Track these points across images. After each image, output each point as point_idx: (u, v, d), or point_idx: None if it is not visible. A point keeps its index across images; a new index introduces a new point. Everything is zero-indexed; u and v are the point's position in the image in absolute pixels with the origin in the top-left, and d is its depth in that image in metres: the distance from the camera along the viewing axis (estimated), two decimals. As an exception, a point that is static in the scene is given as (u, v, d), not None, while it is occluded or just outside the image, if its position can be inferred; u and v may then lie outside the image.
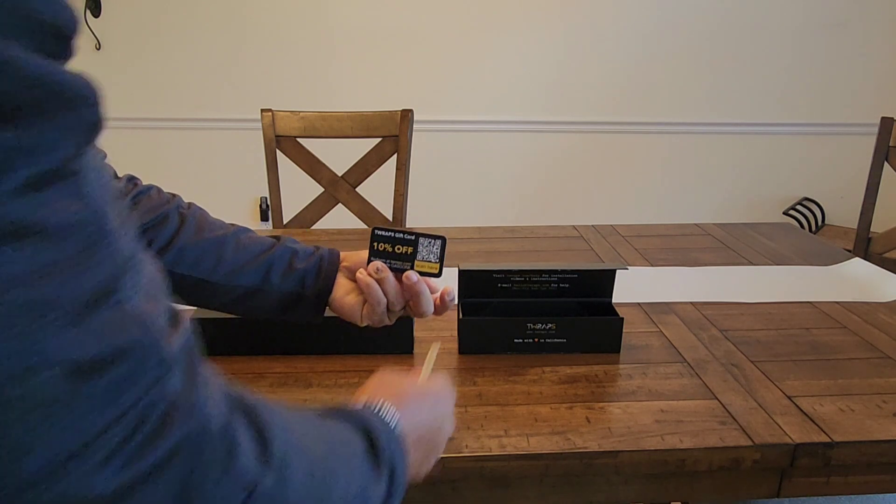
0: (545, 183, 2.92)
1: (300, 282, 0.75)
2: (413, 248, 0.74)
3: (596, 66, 2.77)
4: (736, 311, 1.07)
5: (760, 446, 0.72)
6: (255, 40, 2.68)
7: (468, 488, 0.72)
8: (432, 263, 0.74)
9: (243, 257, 0.74)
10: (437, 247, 0.75)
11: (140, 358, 0.28)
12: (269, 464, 0.34)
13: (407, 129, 1.68)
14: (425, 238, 0.75)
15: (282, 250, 0.76)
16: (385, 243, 0.74)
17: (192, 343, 0.32)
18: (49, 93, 0.25)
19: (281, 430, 0.36)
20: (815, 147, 2.90)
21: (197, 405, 0.31)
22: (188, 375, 0.31)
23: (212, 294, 0.74)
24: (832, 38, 2.76)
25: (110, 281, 0.28)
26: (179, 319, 0.32)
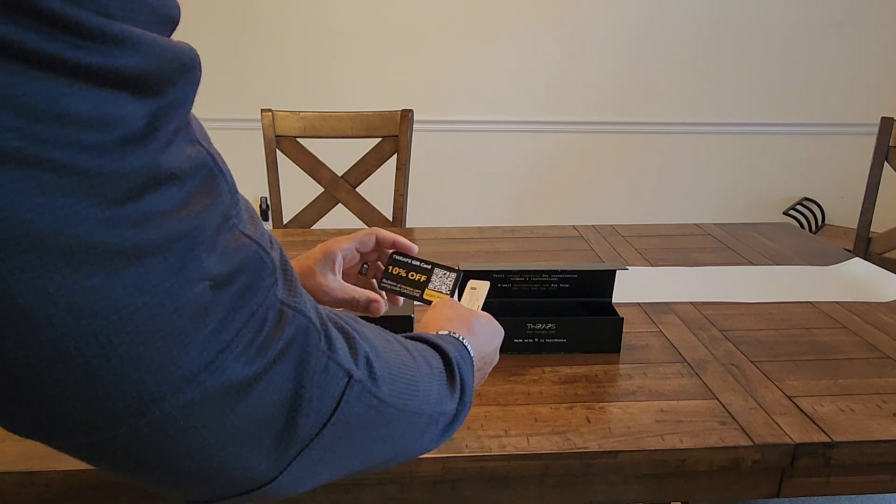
0: (545, 183, 2.92)
1: None
2: (427, 277, 0.74)
3: (596, 66, 2.77)
4: (736, 311, 1.07)
5: (760, 446, 0.72)
6: (255, 40, 2.68)
7: (468, 488, 0.72)
8: (443, 295, 0.73)
9: None
10: (451, 279, 0.74)
11: (256, 270, 0.35)
12: (358, 360, 0.40)
13: (407, 129, 1.68)
14: (441, 269, 0.74)
15: None
16: (400, 268, 0.74)
17: (285, 257, 0.39)
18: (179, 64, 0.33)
19: (364, 339, 0.43)
20: (815, 147, 2.90)
21: (300, 307, 0.37)
22: (288, 282, 0.38)
23: None
24: (832, 38, 2.76)
25: (227, 208, 0.35)
26: (272, 238, 0.39)
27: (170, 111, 0.32)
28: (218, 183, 0.35)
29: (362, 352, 0.41)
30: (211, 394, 0.33)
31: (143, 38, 0.30)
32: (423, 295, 0.73)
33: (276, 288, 0.36)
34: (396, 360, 0.46)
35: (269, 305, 0.35)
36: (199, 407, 0.33)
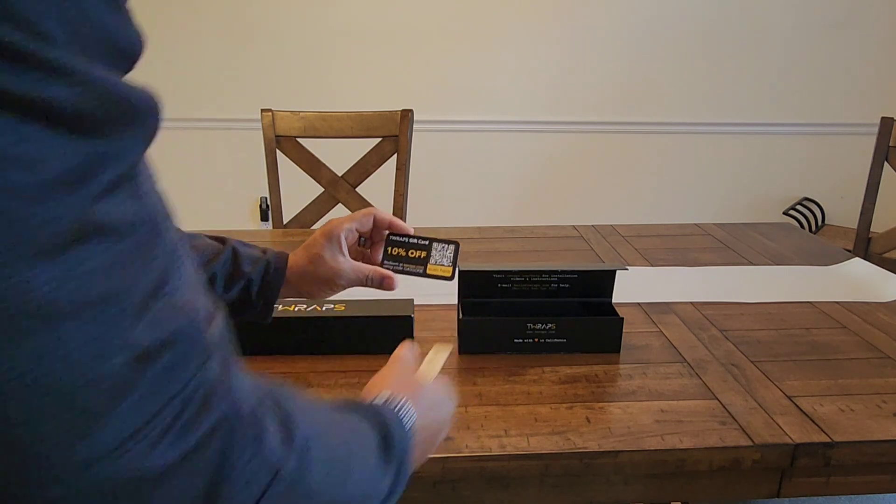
0: (545, 183, 2.92)
1: (245, 289, 0.74)
2: (426, 253, 0.75)
3: (596, 66, 2.77)
4: (736, 311, 1.07)
5: (760, 446, 0.72)
6: (256, 40, 2.68)
7: (468, 488, 0.72)
8: (445, 267, 0.75)
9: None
10: (451, 251, 0.76)
11: (187, 345, 0.31)
12: (293, 449, 0.37)
13: (407, 129, 1.68)
14: (439, 243, 0.76)
15: (224, 259, 0.74)
16: (399, 248, 0.75)
17: (226, 333, 0.36)
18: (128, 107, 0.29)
19: (304, 419, 0.39)
20: (815, 147, 2.90)
21: (231, 390, 0.34)
22: (223, 363, 0.34)
23: None
24: (832, 38, 2.76)
25: (164, 273, 0.31)
26: (215, 310, 0.35)
27: (109, 158, 0.29)
28: (157, 244, 0.31)
29: (300, 438, 0.38)
30: (119, 480, 0.29)
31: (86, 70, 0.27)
32: (426, 271, 0.73)
33: (207, 368, 0.33)
34: (336, 440, 0.43)
35: (195, 386, 0.32)
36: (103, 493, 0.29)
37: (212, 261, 0.73)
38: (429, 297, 1.09)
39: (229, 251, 0.75)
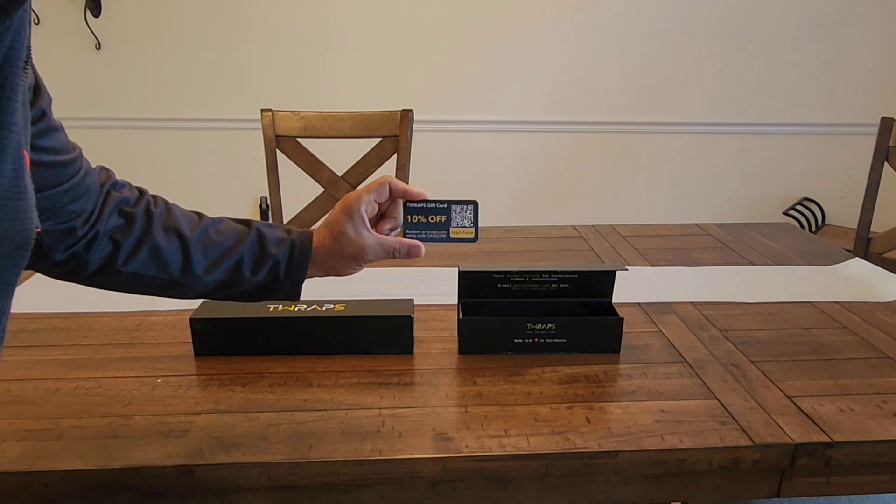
0: (545, 183, 2.92)
1: (272, 271, 0.74)
2: (447, 216, 0.74)
3: (596, 66, 2.77)
4: (736, 311, 1.07)
5: (760, 446, 0.72)
6: (255, 40, 2.68)
7: (468, 488, 0.72)
8: (467, 229, 0.74)
9: (212, 254, 0.73)
10: (470, 211, 0.75)
11: None
12: None
13: (407, 129, 1.68)
14: (457, 205, 0.74)
15: (250, 242, 0.74)
16: (418, 215, 0.74)
17: None
18: None
19: None
20: (815, 147, 2.90)
21: None
22: None
23: (184, 291, 0.74)
24: (832, 38, 2.76)
25: None
26: None
27: None
28: None
29: None
30: None
31: None
32: (449, 235, 0.73)
33: None
34: None
35: None
36: None
37: (238, 244, 0.74)
38: (429, 297, 1.09)
39: (254, 234, 0.75)
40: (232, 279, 0.74)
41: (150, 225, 0.72)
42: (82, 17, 2.59)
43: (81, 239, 0.69)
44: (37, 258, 0.68)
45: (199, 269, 0.72)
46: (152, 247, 0.71)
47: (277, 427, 0.74)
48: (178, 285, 0.73)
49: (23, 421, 0.75)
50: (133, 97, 2.69)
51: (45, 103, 0.61)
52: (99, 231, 0.69)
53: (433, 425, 0.75)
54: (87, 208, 0.68)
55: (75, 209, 0.67)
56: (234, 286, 0.74)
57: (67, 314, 1.04)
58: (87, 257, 0.69)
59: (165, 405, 0.79)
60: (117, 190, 0.73)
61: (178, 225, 0.73)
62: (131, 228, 0.71)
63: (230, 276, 0.74)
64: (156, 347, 0.94)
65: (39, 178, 0.62)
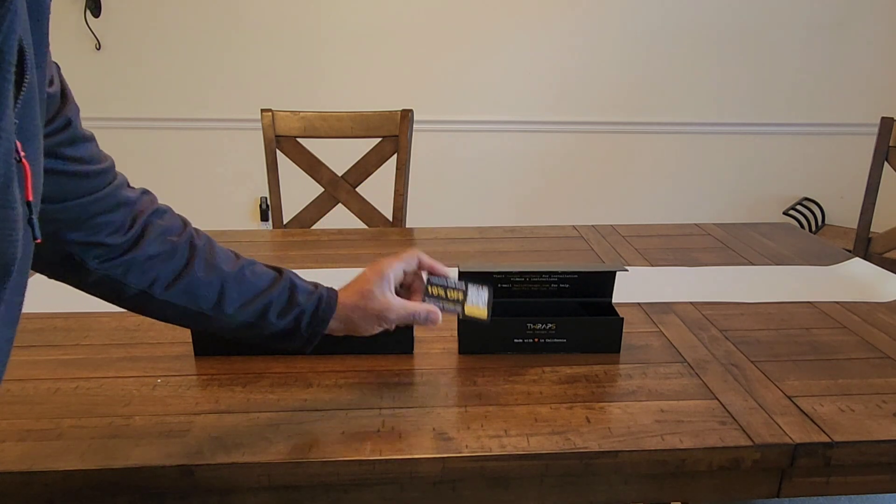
0: (545, 183, 2.92)
1: (296, 319, 0.76)
2: (464, 294, 0.82)
3: (596, 66, 2.77)
4: (736, 311, 1.07)
5: (760, 446, 0.72)
6: (255, 40, 2.68)
7: (468, 488, 0.72)
8: (481, 309, 0.82)
9: (245, 295, 0.75)
10: (485, 294, 0.83)
11: None
12: None
13: (407, 129, 1.68)
14: (474, 286, 0.83)
15: (281, 288, 0.76)
16: (438, 288, 0.81)
17: None
18: None
19: None
20: (815, 147, 2.90)
21: None
22: None
23: (208, 324, 0.75)
24: (832, 38, 2.76)
25: None
26: None
27: None
28: None
29: None
30: None
31: None
32: (464, 311, 0.81)
33: None
34: None
35: None
36: None
37: (269, 289, 0.75)
38: (429, 297, 1.09)
39: (287, 281, 0.77)
40: (258, 321, 0.75)
41: (193, 258, 0.73)
42: (82, 17, 2.59)
43: (119, 257, 0.69)
44: (71, 271, 0.69)
45: (231, 308, 0.74)
46: (191, 279, 0.72)
47: (277, 427, 0.74)
48: (205, 318, 0.74)
49: (23, 421, 0.75)
50: (133, 97, 2.69)
51: (71, 112, 0.61)
52: (138, 257, 0.69)
53: (433, 425, 0.75)
54: (117, 221, 0.68)
55: (104, 221, 0.67)
56: (257, 328, 0.76)
57: (67, 314, 1.04)
58: (126, 281, 0.70)
59: (165, 405, 0.79)
60: (160, 217, 0.73)
61: (219, 261, 0.74)
62: (173, 258, 0.72)
63: (257, 318, 0.75)
64: (156, 347, 0.94)
65: (65, 188, 0.63)
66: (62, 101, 0.60)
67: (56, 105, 0.59)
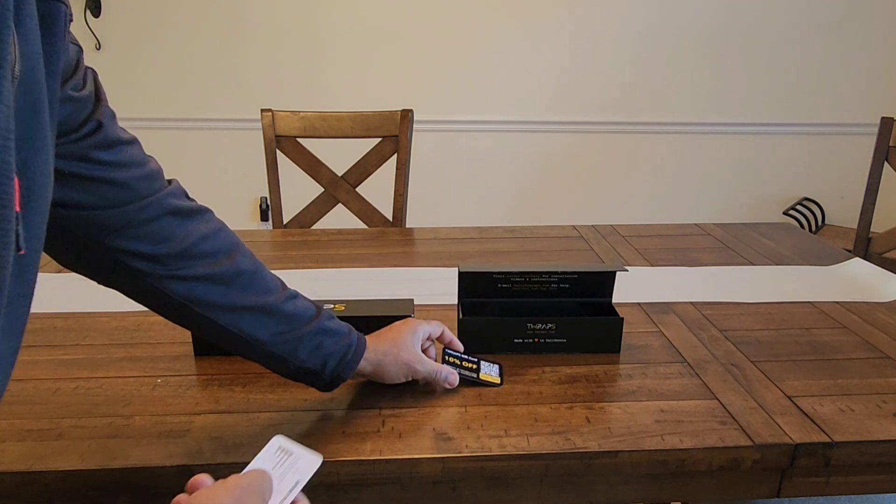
0: (545, 183, 2.92)
1: (322, 362, 0.75)
2: (477, 366, 0.87)
3: (596, 66, 2.77)
4: (736, 311, 1.07)
5: (760, 446, 0.72)
6: (255, 40, 2.68)
7: (468, 488, 0.73)
8: (494, 377, 0.86)
9: (281, 326, 0.73)
10: (496, 369, 0.88)
11: None
12: None
13: (407, 129, 1.68)
14: (486, 362, 0.88)
15: (317, 328, 0.75)
16: (454, 357, 0.87)
17: None
18: None
19: None
20: (815, 147, 2.90)
21: None
22: None
23: (238, 348, 0.74)
24: (832, 38, 2.76)
25: None
26: None
27: None
28: None
29: None
30: None
31: None
32: (479, 377, 0.85)
33: None
34: None
35: None
36: None
37: (307, 324, 0.74)
38: (429, 297, 1.09)
39: (323, 321, 0.75)
40: (286, 355, 0.73)
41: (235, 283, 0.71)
42: (82, 17, 2.59)
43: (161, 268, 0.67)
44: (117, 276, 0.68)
45: (266, 335, 0.72)
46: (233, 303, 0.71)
47: (277, 427, 0.74)
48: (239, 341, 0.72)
49: (23, 421, 0.75)
50: (133, 97, 2.69)
51: (103, 116, 0.61)
52: (184, 273, 0.68)
53: (433, 425, 0.75)
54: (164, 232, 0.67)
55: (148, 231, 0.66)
56: (283, 361, 0.74)
57: (67, 314, 1.04)
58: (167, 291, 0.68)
59: (165, 405, 0.79)
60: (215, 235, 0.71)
61: (262, 288, 0.73)
62: (218, 279, 0.70)
63: (286, 352, 0.73)
64: (156, 347, 0.94)
65: (104, 194, 0.62)
66: (95, 105, 0.61)
67: (87, 110, 0.60)
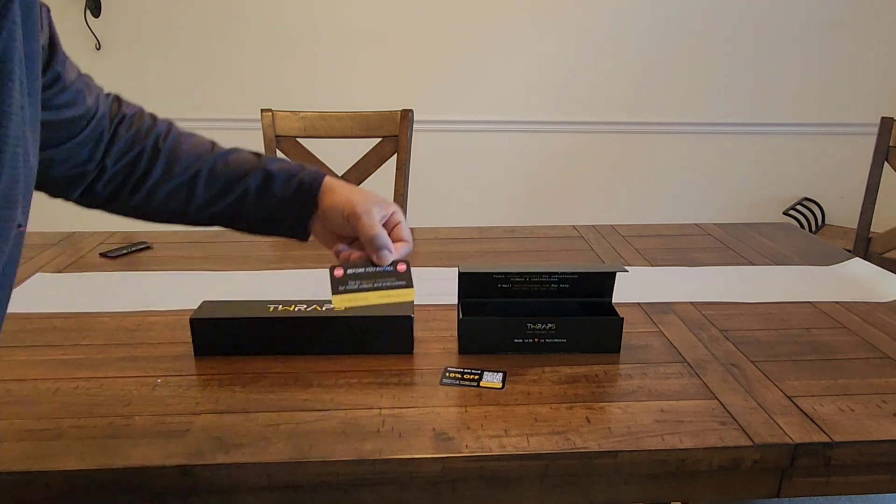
0: (545, 183, 2.92)
1: (275, 209, 0.76)
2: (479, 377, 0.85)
3: (596, 66, 2.77)
4: (736, 311, 1.07)
5: (760, 446, 0.72)
6: (255, 40, 2.68)
7: (468, 488, 0.73)
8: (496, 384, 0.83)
9: (215, 188, 0.75)
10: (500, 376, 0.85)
11: None
12: None
13: (407, 129, 1.68)
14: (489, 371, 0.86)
15: (257, 177, 0.75)
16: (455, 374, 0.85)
17: None
18: None
19: None
20: (815, 147, 2.90)
21: None
22: None
23: (187, 222, 0.77)
24: (832, 38, 2.76)
25: None
26: None
27: None
28: None
29: None
30: None
31: None
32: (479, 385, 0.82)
33: None
34: None
35: None
36: None
37: (243, 178, 0.76)
38: (429, 297, 1.09)
39: (262, 171, 0.76)
40: (233, 214, 0.76)
41: (156, 161, 0.74)
42: (82, 17, 2.59)
43: (91, 176, 0.72)
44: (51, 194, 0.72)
45: (202, 202, 0.75)
46: (156, 182, 0.74)
47: (277, 427, 0.74)
48: (181, 216, 0.76)
49: (23, 421, 0.75)
50: (133, 97, 2.68)
51: (59, 64, 0.62)
52: (107, 166, 0.73)
53: (433, 425, 0.75)
54: (99, 152, 0.72)
55: (87, 155, 0.70)
56: (235, 219, 0.77)
57: (67, 314, 1.04)
58: (95, 189, 0.73)
59: (165, 405, 0.79)
60: (126, 126, 0.75)
61: (186, 159, 0.75)
62: (137, 165, 0.74)
63: (232, 211, 0.76)
64: (156, 347, 0.94)
65: (58, 135, 0.66)
66: (51, 53, 0.61)
67: (44, 57, 0.60)
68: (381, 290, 0.73)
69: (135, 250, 1.34)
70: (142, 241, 1.39)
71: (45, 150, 0.64)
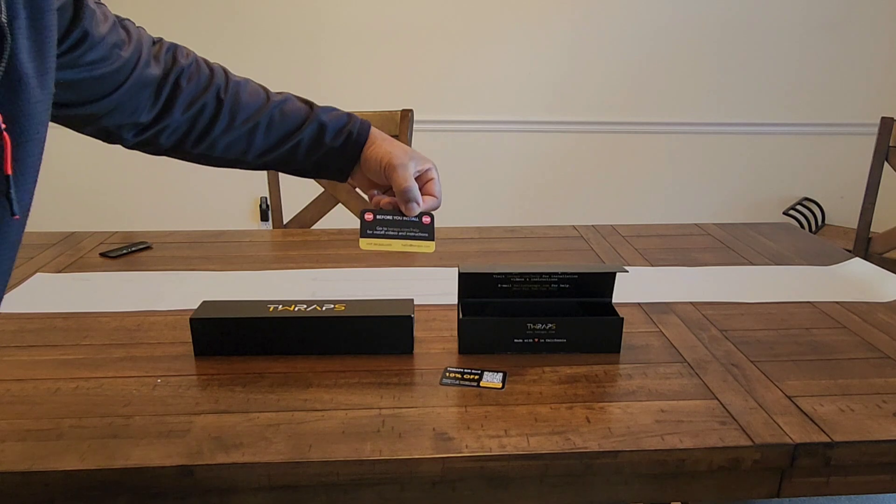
0: (545, 183, 2.92)
1: (324, 156, 0.85)
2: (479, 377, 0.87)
3: (596, 66, 2.77)
4: (736, 311, 1.07)
5: (760, 446, 0.72)
6: (255, 40, 2.68)
7: (468, 488, 0.72)
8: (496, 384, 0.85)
9: (272, 138, 0.83)
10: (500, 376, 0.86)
11: None
12: None
13: (407, 129, 1.68)
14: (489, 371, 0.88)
15: (311, 129, 0.84)
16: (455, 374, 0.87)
17: None
18: None
19: None
20: (815, 147, 2.90)
21: None
22: None
23: (243, 167, 0.86)
24: (832, 38, 2.76)
25: None
26: None
27: None
28: None
29: None
30: None
31: None
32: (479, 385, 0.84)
33: None
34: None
35: None
36: None
37: (298, 130, 0.84)
38: (429, 297, 1.09)
39: (316, 122, 0.85)
40: (286, 160, 0.86)
41: (219, 114, 0.80)
42: (82, 17, 2.59)
43: (150, 128, 0.77)
44: (111, 140, 0.78)
45: (260, 151, 0.83)
46: (219, 134, 0.81)
47: (277, 427, 0.74)
48: (240, 162, 0.85)
49: (23, 421, 0.75)
50: (133, 97, 2.69)
51: (87, 21, 0.64)
52: (171, 118, 0.77)
53: (433, 425, 0.75)
54: (144, 101, 0.75)
55: (133, 105, 0.73)
56: (286, 165, 0.87)
57: (67, 314, 1.04)
58: (159, 140, 0.79)
59: (165, 405, 0.79)
60: (186, 77, 0.79)
61: (246, 110, 0.82)
62: (200, 117, 0.79)
63: (285, 159, 0.86)
64: (156, 347, 0.94)
65: (93, 90, 0.68)
66: (75, 13, 0.63)
67: (68, 17, 0.62)
68: (404, 238, 0.83)
69: (135, 250, 1.34)
70: (142, 241, 1.39)
71: (85, 105, 0.68)
